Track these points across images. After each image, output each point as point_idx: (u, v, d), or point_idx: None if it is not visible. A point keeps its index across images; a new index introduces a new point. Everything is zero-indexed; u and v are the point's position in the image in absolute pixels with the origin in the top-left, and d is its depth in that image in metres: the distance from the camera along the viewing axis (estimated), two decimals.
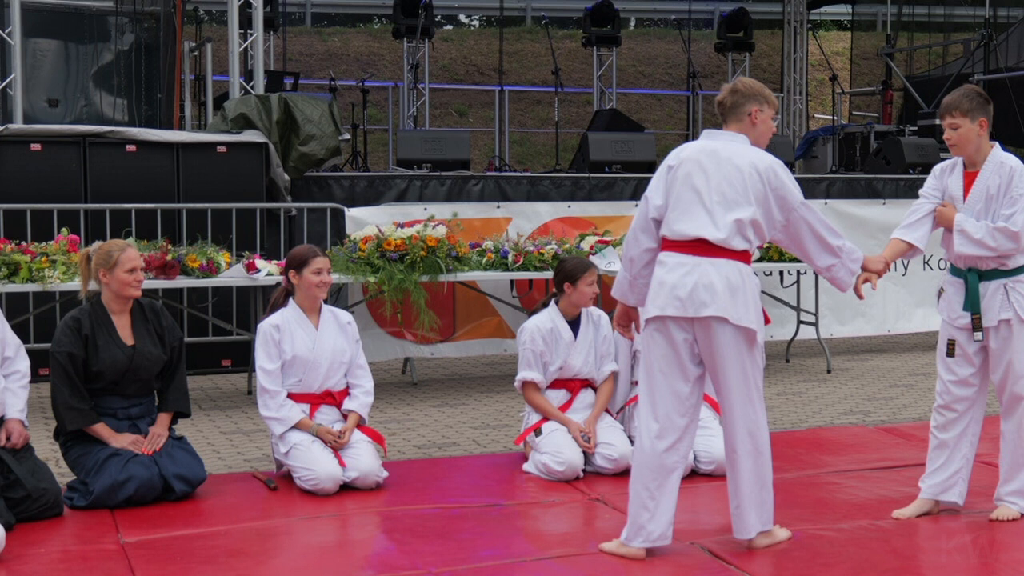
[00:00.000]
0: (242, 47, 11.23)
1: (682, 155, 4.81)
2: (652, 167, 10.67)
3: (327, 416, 6.00)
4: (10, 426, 5.40)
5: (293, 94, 11.01)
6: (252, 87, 10.95)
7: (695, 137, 5.82)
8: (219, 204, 9.10)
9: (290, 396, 5.94)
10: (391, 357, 9.42)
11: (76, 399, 5.56)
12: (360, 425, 6.04)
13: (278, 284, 6.67)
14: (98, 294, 5.71)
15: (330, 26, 22.01)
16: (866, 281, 4.99)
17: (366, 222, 8.87)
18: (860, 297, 5.05)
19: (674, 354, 4.72)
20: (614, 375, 6.40)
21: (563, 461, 6.02)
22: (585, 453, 6.12)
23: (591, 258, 8.34)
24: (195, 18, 16.67)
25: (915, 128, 15.15)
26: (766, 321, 5.64)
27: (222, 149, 9.52)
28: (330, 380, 6.02)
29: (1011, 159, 5.17)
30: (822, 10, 20.43)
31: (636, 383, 5.89)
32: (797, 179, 4.99)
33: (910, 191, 11.80)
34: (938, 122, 6.18)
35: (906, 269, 10.70)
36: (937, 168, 5.36)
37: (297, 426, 5.88)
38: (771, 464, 4.81)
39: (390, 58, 19.91)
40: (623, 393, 6.46)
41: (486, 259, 8.65)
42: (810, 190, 11.36)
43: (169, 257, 7.87)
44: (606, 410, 6.36)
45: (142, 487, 5.49)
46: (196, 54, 13.49)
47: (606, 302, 5.98)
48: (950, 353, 5.24)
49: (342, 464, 5.81)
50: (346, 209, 9.28)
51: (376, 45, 20.88)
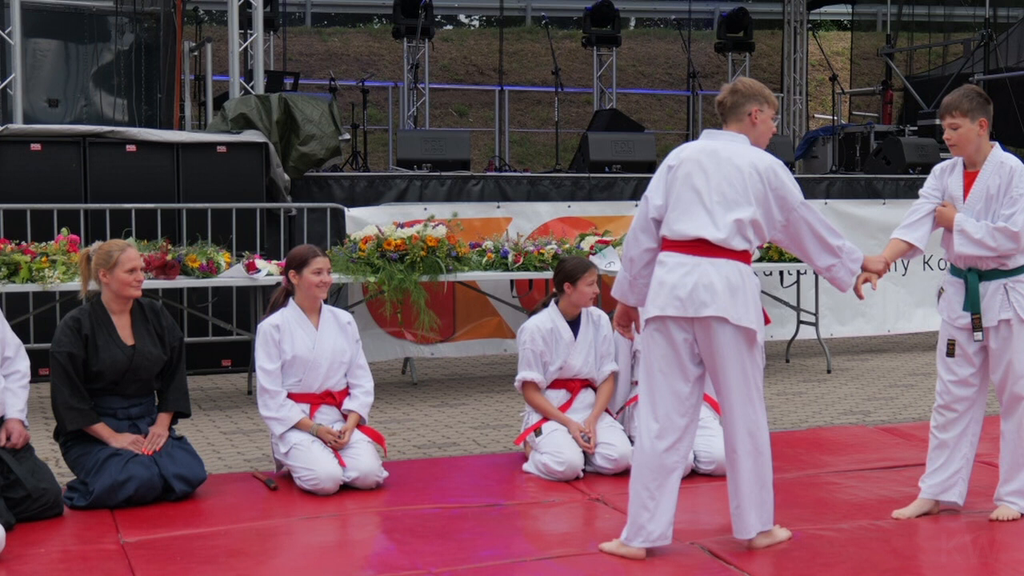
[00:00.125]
0: (242, 47, 11.22)
1: (682, 155, 4.80)
2: (652, 167, 10.66)
3: (327, 416, 6.00)
4: (10, 426, 5.40)
5: (293, 94, 11.00)
6: (252, 87, 10.95)
7: (695, 137, 5.82)
8: (219, 204, 9.10)
9: (290, 396, 5.93)
10: (391, 357, 9.42)
11: (76, 399, 5.55)
12: (360, 425, 6.03)
13: (278, 284, 6.67)
14: (98, 294, 5.71)
15: (330, 26, 22.00)
16: (866, 281, 4.99)
17: (366, 222, 8.86)
18: (860, 297, 5.05)
19: (674, 354, 4.72)
20: (614, 375, 6.39)
21: (563, 461, 6.02)
22: (585, 453, 6.12)
23: (591, 258, 8.34)
24: (195, 18, 16.67)
25: (915, 128, 15.15)
26: (766, 321, 5.64)
27: (222, 149, 9.52)
28: (330, 380, 6.02)
29: (1011, 159, 5.17)
30: (822, 10, 20.42)
31: (636, 383, 5.89)
32: (797, 179, 4.99)
33: (910, 191, 11.79)
34: (938, 122, 6.17)
35: (906, 269, 10.69)
36: (937, 168, 5.36)
37: (297, 426, 5.88)
38: (771, 464, 4.81)
39: (390, 58, 19.91)
40: (623, 393, 6.46)
41: (486, 259, 8.65)
42: (810, 190, 11.35)
43: (169, 257, 7.87)
44: (606, 410, 6.36)
45: (142, 487, 5.49)
46: (196, 54, 13.49)
47: (606, 302, 5.98)
48: (950, 353, 5.24)
49: (342, 464, 5.81)
50: (346, 209, 9.28)
51: (376, 45, 20.87)
